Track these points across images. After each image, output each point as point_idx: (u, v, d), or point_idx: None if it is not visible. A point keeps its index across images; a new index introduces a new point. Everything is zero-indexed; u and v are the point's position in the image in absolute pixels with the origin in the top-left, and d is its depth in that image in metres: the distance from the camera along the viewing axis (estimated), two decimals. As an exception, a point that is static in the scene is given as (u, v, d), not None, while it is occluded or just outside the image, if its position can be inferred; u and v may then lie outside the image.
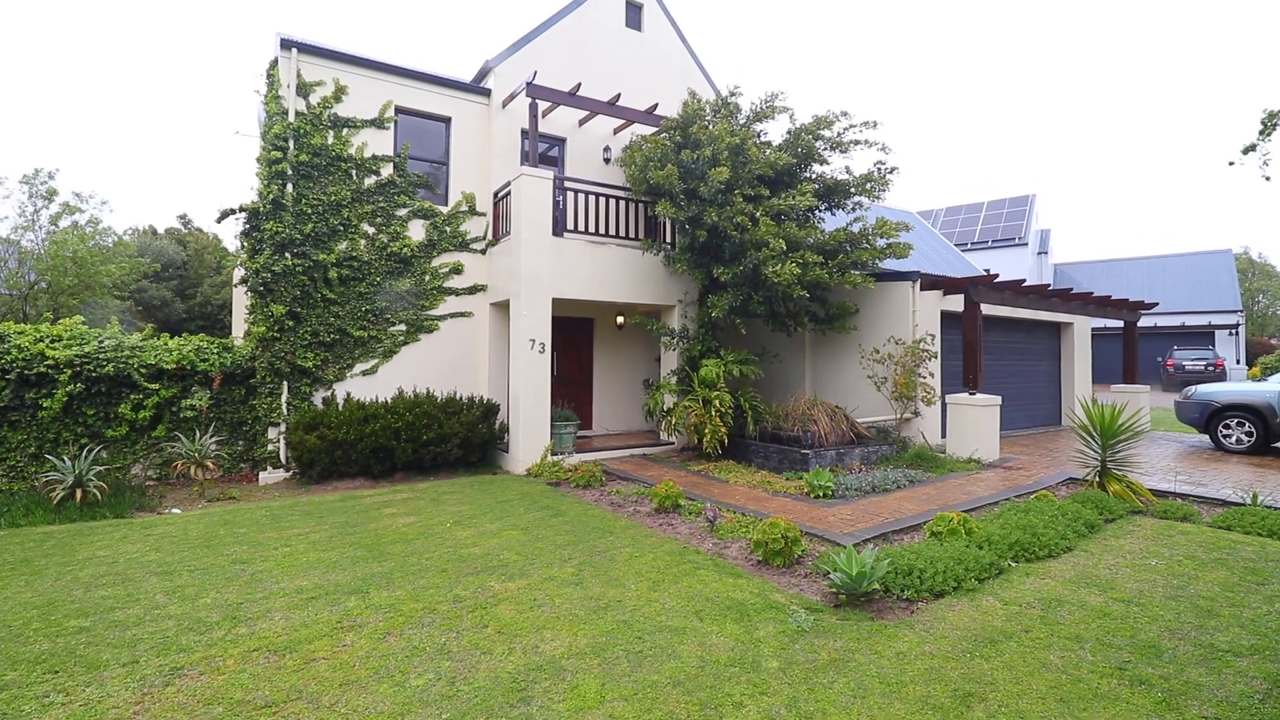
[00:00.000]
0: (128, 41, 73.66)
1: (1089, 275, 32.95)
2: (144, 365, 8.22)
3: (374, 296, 9.66)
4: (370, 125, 9.85)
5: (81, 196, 17.72)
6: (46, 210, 17.25)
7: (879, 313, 10.17)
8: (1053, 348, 13.71)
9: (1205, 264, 30.27)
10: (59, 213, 17.28)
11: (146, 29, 74.74)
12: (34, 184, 17.03)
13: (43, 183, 17.10)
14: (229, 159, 62.55)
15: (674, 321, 10.63)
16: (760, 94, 10.25)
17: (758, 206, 8.92)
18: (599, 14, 12.00)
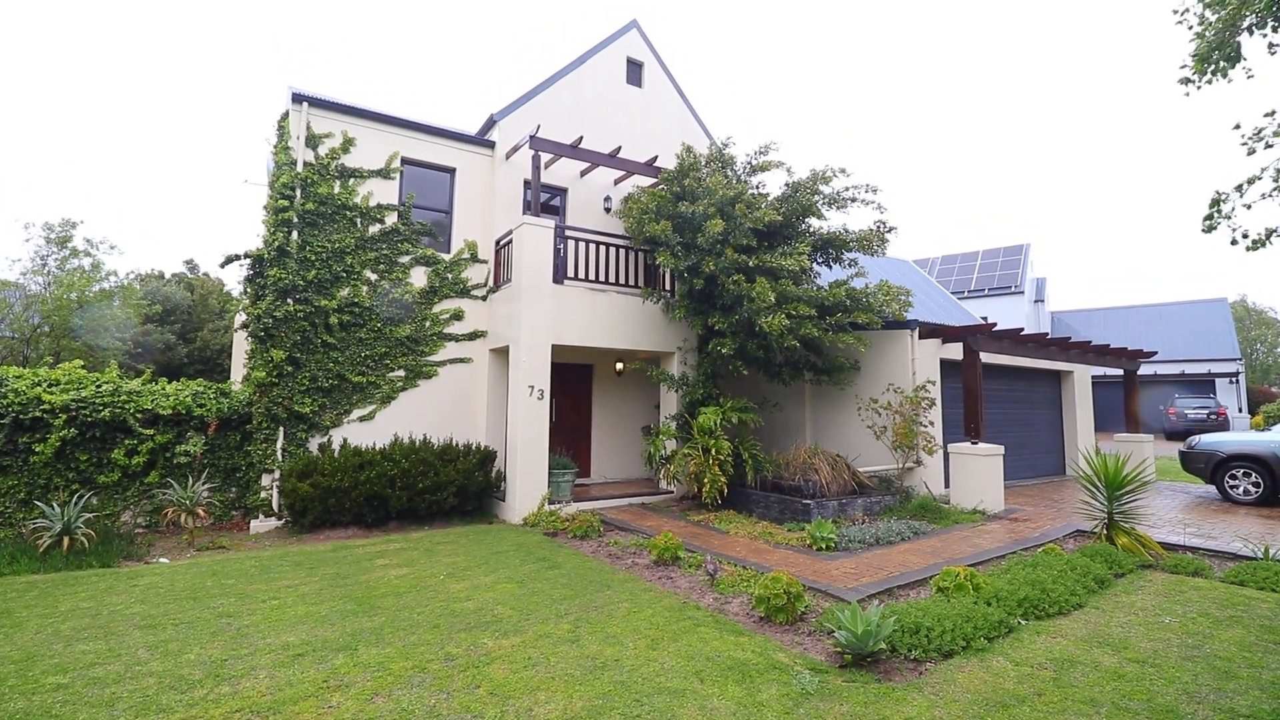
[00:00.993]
0: (144, 93, 76.16)
1: (1086, 323, 33.16)
2: (140, 410, 8.18)
3: (374, 342, 9.69)
4: (376, 175, 10.07)
5: (92, 242, 18.01)
6: (56, 255, 17.51)
7: (878, 361, 10.18)
8: (1053, 396, 13.67)
9: (1202, 312, 30.51)
10: (66, 256, 17.54)
11: (158, 82, 77.36)
12: (54, 231, 17.37)
13: (64, 231, 17.44)
14: (236, 206, 63.83)
15: (673, 368, 10.64)
16: (754, 145, 10.53)
17: (752, 258, 9.01)
18: (601, 71, 12.43)
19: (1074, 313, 34.94)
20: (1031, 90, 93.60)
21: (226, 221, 58.72)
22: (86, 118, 67.21)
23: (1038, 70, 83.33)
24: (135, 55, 78.31)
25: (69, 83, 69.45)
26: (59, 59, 68.51)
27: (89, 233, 19.70)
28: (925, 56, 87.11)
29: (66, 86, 68.16)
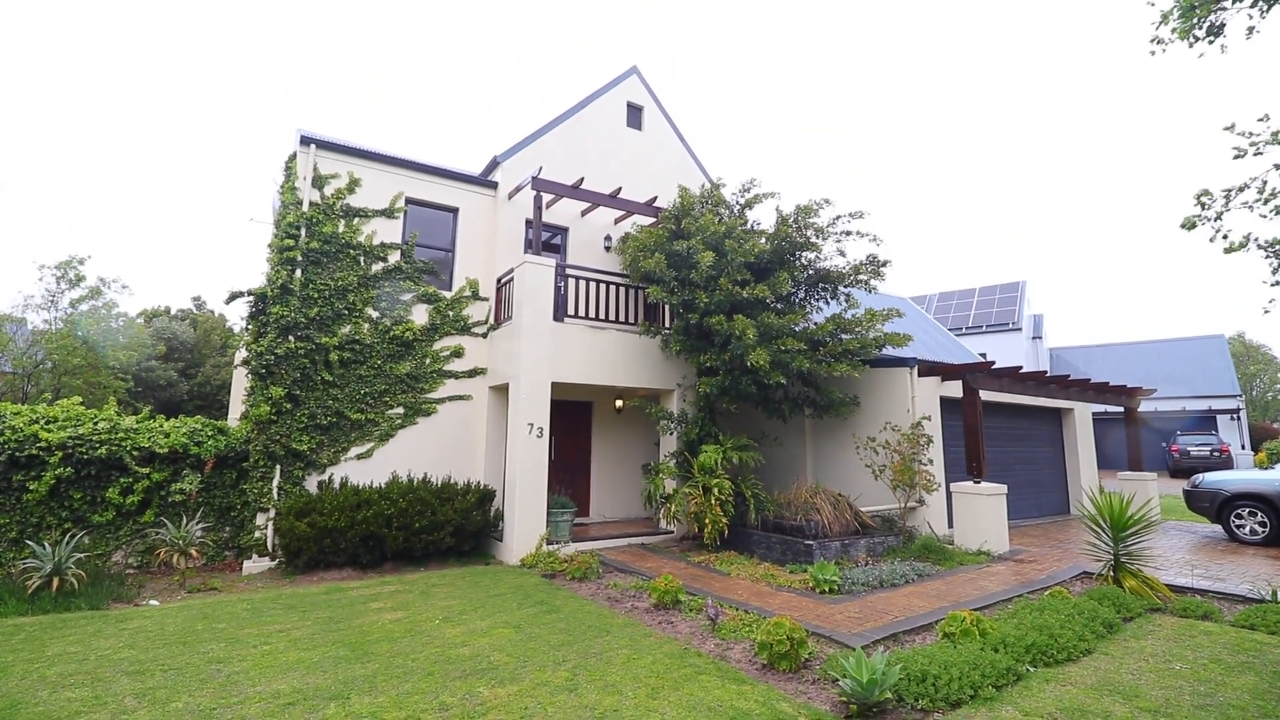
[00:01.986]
0: (158, 132, 77.82)
1: (1084, 360, 33.22)
2: (137, 448, 8.13)
3: (374, 379, 9.69)
4: (380, 215, 10.23)
5: (105, 281, 18.20)
6: (69, 294, 17.66)
7: (877, 399, 10.18)
8: (1055, 434, 13.62)
9: (1199, 349, 30.60)
10: (82, 296, 17.70)
11: (171, 120, 79.11)
12: (66, 269, 17.56)
13: (74, 269, 17.63)
14: (243, 243, 64.62)
15: (673, 405, 10.62)
16: (741, 181, 10.67)
17: (744, 289, 9.07)
18: (602, 115, 12.74)
19: (1072, 349, 35.04)
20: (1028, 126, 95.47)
21: (233, 258, 59.36)
22: (104, 158, 68.52)
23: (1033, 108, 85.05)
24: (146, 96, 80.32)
25: (86, 123, 71.02)
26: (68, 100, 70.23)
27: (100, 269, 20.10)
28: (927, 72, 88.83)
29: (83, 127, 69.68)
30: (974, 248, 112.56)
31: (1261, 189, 7.40)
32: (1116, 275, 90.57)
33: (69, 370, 16.85)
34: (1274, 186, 7.36)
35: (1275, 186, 7.36)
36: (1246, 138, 7.45)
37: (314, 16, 71.50)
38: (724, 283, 8.87)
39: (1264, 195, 7.39)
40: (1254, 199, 7.47)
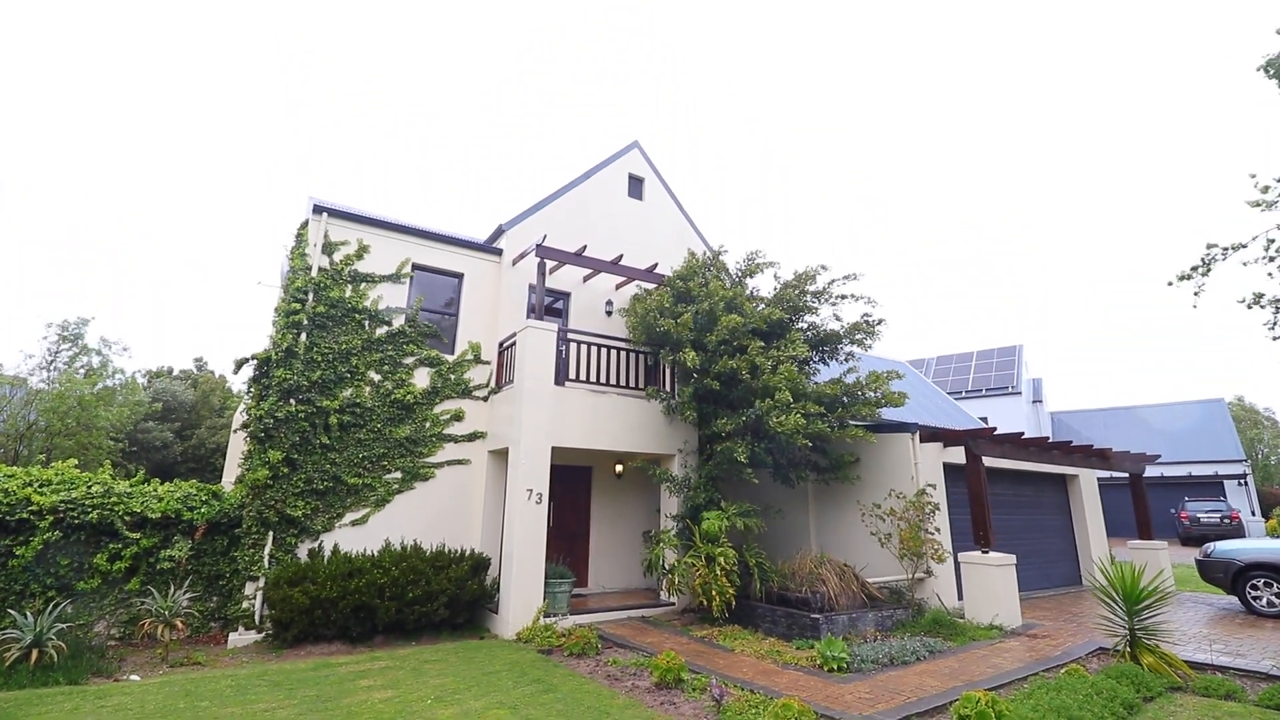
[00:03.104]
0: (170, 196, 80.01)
1: (1086, 424, 33.11)
2: (129, 513, 8.00)
3: (373, 443, 9.63)
4: (387, 280, 10.43)
5: (107, 342, 18.34)
6: (66, 353, 17.76)
7: (879, 465, 10.09)
8: (1062, 501, 13.42)
9: (1200, 412, 30.56)
10: (76, 353, 17.78)
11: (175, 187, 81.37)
12: (67, 330, 17.73)
13: (75, 330, 17.80)
14: (247, 303, 65.38)
15: (674, 471, 10.51)
16: (745, 251, 11.05)
17: (767, 356, 9.19)
18: (604, 185, 13.19)
19: (1073, 413, 34.98)
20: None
21: (236, 318, 59.99)
22: (111, 218, 70.26)
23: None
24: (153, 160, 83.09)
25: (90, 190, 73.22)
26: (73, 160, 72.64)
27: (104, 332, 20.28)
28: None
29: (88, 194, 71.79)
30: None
31: (1267, 246, 7.58)
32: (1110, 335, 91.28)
33: (62, 431, 16.74)
34: None
35: None
36: (1265, 191, 7.67)
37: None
38: (752, 347, 9.04)
39: (1270, 252, 7.57)
40: (1259, 255, 7.64)
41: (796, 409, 8.60)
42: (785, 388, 8.59)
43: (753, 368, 9.01)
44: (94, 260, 61.23)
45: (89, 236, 62.49)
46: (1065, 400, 71.48)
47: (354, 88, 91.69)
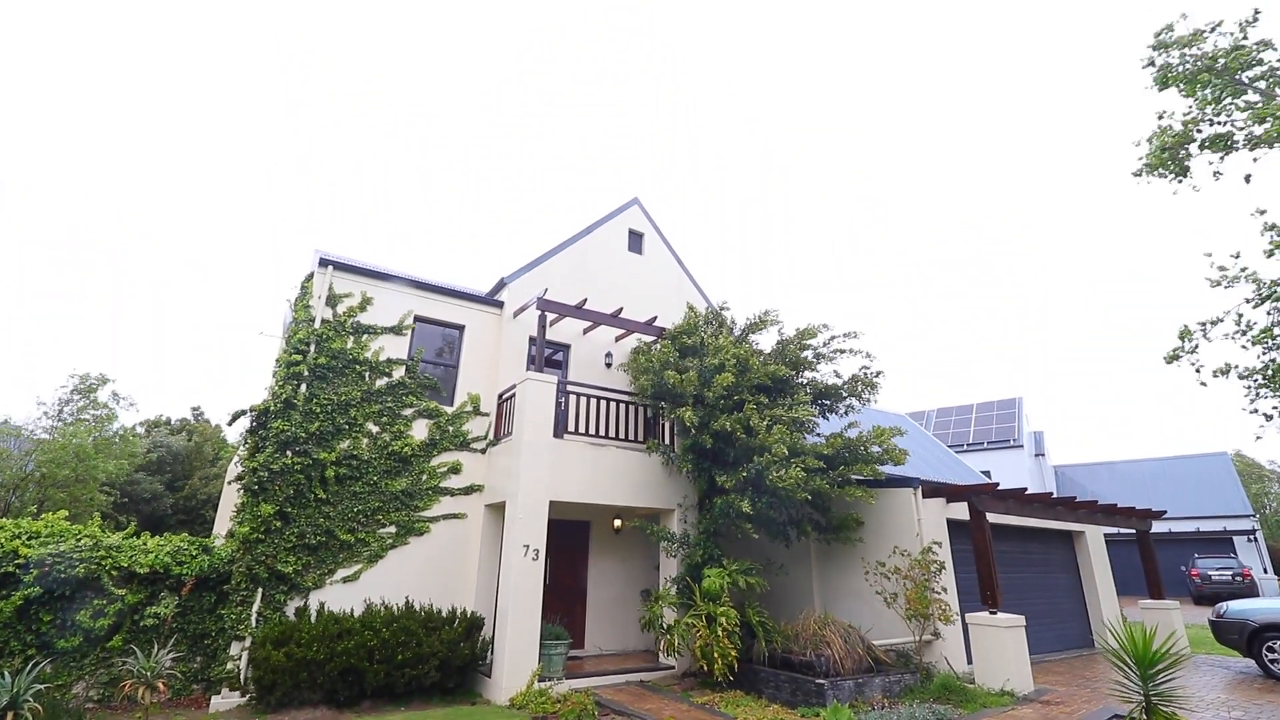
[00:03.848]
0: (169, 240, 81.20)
1: (1090, 478, 32.77)
2: (116, 567, 7.82)
3: (368, 496, 9.49)
4: (389, 332, 10.50)
5: (118, 397, 18.36)
6: (76, 404, 17.74)
7: (882, 522, 9.93)
8: (1069, 559, 13.15)
9: (1204, 466, 30.28)
10: (83, 406, 17.75)
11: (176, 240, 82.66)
12: (84, 382, 17.76)
13: (92, 384, 17.83)
14: (247, 351, 65.69)
15: (673, 526, 10.33)
16: (754, 309, 11.24)
17: (762, 414, 9.18)
18: (604, 240, 13.45)
19: (1077, 467, 34.65)
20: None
21: (234, 367, 60.08)
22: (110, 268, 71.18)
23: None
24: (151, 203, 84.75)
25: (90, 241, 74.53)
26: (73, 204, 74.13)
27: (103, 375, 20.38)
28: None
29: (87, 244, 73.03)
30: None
31: (1238, 320, 7.74)
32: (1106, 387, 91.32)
33: (56, 482, 16.52)
34: (1249, 319, 7.71)
35: (1250, 319, 7.72)
36: (1220, 271, 7.91)
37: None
38: (749, 406, 9.04)
39: (1240, 326, 7.72)
40: (1232, 329, 7.80)
41: (797, 463, 8.53)
42: (784, 442, 8.55)
43: (747, 428, 8.99)
44: (94, 315, 61.64)
45: (89, 289, 63.14)
46: (1066, 452, 71.06)
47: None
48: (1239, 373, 8.01)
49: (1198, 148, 8.21)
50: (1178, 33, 8.22)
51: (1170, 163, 8.32)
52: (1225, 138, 7.90)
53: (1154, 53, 8.44)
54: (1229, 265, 8.07)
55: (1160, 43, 8.38)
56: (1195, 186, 8.49)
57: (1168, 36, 8.29)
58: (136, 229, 75.96)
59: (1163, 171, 8.43)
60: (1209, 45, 8.03)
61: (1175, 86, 8.24)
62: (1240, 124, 7.87)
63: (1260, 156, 7.73)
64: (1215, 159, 8.14)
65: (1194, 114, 8.10)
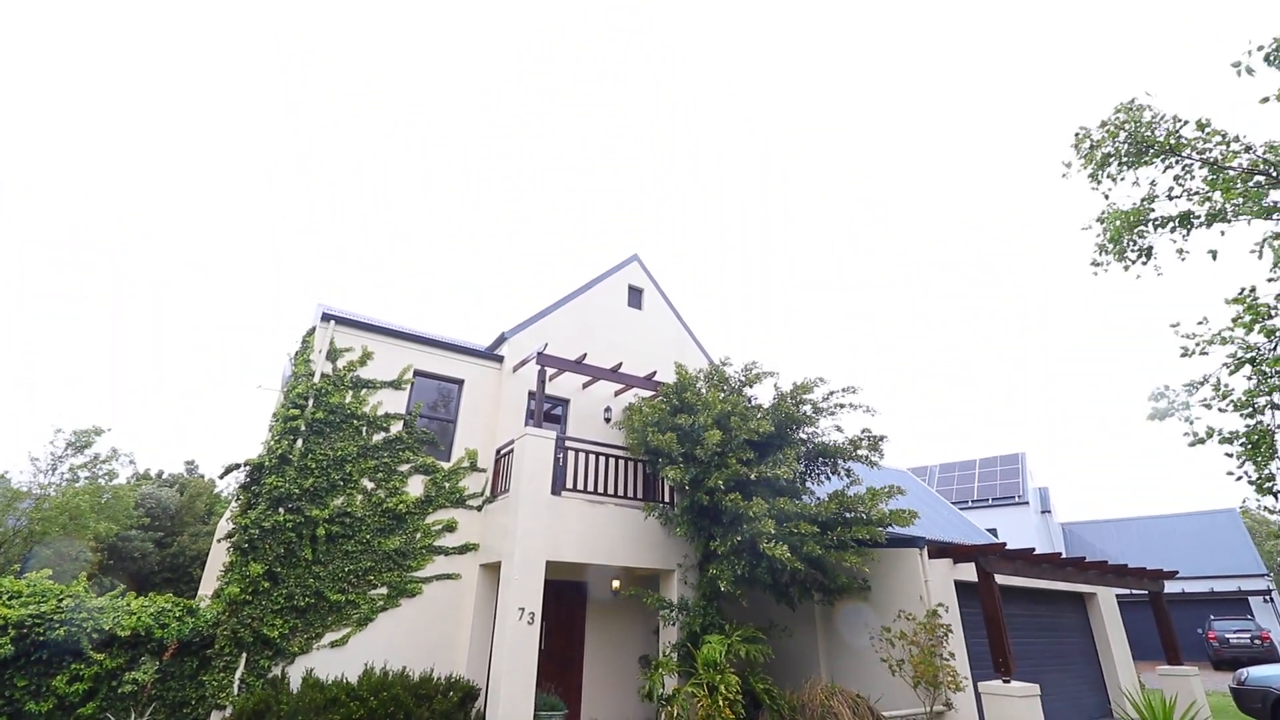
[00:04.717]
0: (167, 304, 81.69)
1: (1098, 535, 32.15)
2: (98, 630, 7.54)
3: (360, 556, 9.26)
4: (388, 386, 10.49)
5: (117, 451, 18.21)
6: (69, 460, 17.56)
7: (886, 584, 9.66)
8: (1082, 622, 12.74)
9: (1214, 523, 29.74)
10: (84, 463, 17.58)
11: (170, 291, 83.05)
12: (79, 438, 17.64)
13: (85, 439, 17.71)
14: (241, 403, 65.42)
15: (673, 589, 10.03)
16: (744, 361, 11.15)
17: (751, 470, 9.03)
18: (604, 296, 13.62)
19: (1084, 524, 34.03)
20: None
21: (231, 419, 59.68)
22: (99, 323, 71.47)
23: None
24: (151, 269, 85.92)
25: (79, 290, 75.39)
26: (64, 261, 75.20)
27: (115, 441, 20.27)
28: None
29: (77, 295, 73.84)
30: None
31: (1216, 385, 7.66)
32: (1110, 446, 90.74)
33: (44, 539, 16.19)
34: (1227, 383, 7.63)
35: (1228, 383, 7.64)
36: (1191, 339, 7.82)
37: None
38: (732, 461, 8.87)
39: (1220, 392, 7.64)
40: (1210, 395, 7.69)
41: (789, 527, 8.31)
42: (766, 516, 8.32)
43: (740, 486, 8.82)
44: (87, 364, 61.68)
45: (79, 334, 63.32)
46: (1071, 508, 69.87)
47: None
48: (1220, 437, 7.80)
49: (1156, 226, 7.96)
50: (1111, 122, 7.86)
51: (1130, 247, 8.08)
52: (1185, 216, 7.73)
53: (1087, 144, 8.08)
54: (1198, 332, 7.86)
55: (1090, 136, 8.06)
56: (1158, 268, 8.25)
57: (1110, 122, 7.90)
58: (133, 273, 76.57)
59: (1123, 253, 8.17)
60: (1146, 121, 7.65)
61: (1111, 169, 7.90)
62: (1196, 193, 7.66)
63: (1225, 230, 7.54)
64: (1177, 237, 7.91)
65: (1147, 190, 7.77)
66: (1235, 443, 7.60)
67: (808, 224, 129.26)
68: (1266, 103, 6.72)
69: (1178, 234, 7.98)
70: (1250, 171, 7.14)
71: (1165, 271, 8.21)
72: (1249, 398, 7.63)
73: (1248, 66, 6.59)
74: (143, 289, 78.75)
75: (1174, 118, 7.60)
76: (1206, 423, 7.98)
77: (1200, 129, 7.43)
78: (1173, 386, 8.23)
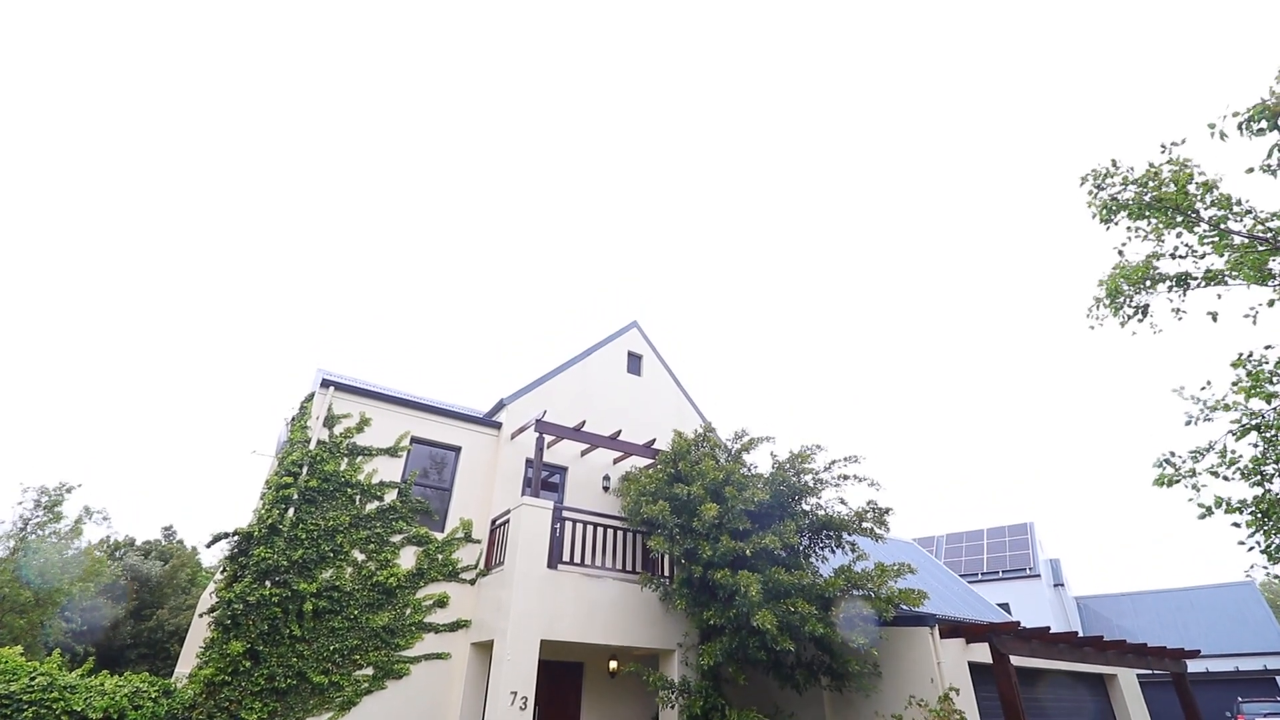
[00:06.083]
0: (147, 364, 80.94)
1: (1114, 611, 31.02)
2: (68, 711, 7.13)
3: (346, 633, 8.87)
4: (384, 453, 10.35)
5: (90, 511, 17.82)
6: (39, 521, 17.14)
7: (896, 665, 9.20)
8: (1103, 706, 12.09)
9: (1232, 597, 28.73)
10: (44, 521, 17.15)
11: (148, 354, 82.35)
12: (48, 496, 17.28)
13: (57, 496, 17.36)
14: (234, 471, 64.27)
15: (674, 668, 9.55)
16: (738, 427, 10.99)
17: (747, 543, 8.73)
18: (603, 362, 13.66)
19: (1099, 598, 32.88)
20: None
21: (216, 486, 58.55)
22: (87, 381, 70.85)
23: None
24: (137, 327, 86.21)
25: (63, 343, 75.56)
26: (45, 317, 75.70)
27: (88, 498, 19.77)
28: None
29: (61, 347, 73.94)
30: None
31: (1222, 452, 7.54)
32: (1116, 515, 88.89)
33: (15, 607, 15.58)
34: (1233, 450, 7.51)
35: (1234, 449, 7.51)
36: (1196, 403, 7.75)
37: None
38: (725, 539, 8.57)
39: (1225, 459, 7.51)
40: (1216, 463, 7.56)
41: (786, 603, 7.96)
42: (758, 583, 8.03)
43: (738, 561, 8.54)
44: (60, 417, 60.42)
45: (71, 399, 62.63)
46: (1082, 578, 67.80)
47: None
48: (1227, 507, 7.61)
49: (1152, 283, 7.98)
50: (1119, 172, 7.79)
51: (1128, 303, 8.10)
52: (1183, 277, 7.76)
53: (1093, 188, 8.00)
54: (1202, 397, 7.81)
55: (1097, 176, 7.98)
56: (1154, 325, 8.22)
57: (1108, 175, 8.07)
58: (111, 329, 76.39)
59: (1120, 309, 8.17)
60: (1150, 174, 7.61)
61: (1120, 217, 7.78)
62: (1197, 252, 7.70)
63: (1222, 293, 7.57)
64: (1174, 297, 7.95)
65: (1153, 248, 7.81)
66: (1244, 512, 7.41)
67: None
68: (1251, 173, 6.84)
69: (1174, 293, 8.01)
70: (1252, 237, 7.19)
71: (1163, 329, 8.16)
72: (1256, 465, 7.50)
73: (1221, 130, 6.65)
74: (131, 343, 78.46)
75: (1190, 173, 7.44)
76: (1214, 491, 7.78)
77: (1205, 189, 7.40)
78: (1178, 453, 8.11)
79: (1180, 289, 7.81)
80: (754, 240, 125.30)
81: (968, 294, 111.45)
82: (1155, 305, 8.17)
